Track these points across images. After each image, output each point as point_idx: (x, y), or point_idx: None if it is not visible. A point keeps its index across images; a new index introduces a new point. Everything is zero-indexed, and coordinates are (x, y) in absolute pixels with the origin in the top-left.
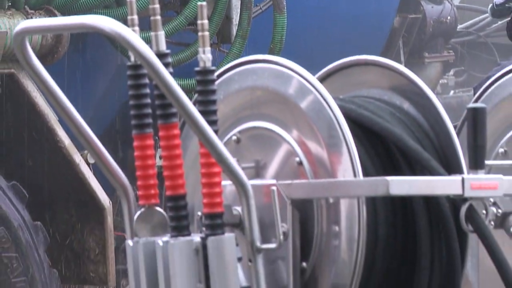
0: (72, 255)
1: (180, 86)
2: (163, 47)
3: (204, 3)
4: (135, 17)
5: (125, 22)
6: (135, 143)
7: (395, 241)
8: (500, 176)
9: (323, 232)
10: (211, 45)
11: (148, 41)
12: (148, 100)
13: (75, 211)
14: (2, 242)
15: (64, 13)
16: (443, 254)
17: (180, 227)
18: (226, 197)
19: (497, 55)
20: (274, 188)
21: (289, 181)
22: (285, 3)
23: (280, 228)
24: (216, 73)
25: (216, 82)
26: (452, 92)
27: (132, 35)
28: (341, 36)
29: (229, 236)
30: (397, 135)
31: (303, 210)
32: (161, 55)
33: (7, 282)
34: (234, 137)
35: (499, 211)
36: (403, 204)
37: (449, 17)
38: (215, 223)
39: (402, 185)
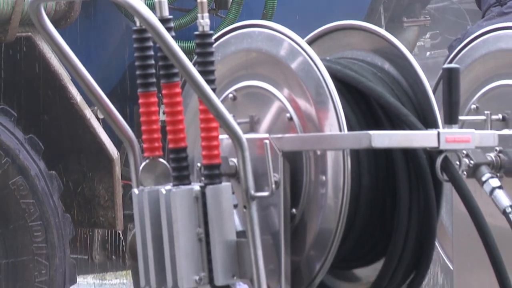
0: (84, 201)
1: (181, 48)
2: (165, 13)
3: None
4: None
5: None
6: (140, 100)
7: (376, 189)
8: (472, 130)
9: (311, 181)
10: (209, 11)
11: (152, 7)
12: (152, 61)
13: (86, 161)
14: (20, 190)
15: None
16: (421, 201)
17: (181, 177)
18: (223, 149)
19: (469, 20)
20: (267, 141)
21: (280, 135)
22: None
23: (272, 177)
24: (214, 37)
25: (214, 45)
26: (428, 53)
27: (138, 2)
28: (327, 2)
29: (225, 185)
30: (379, 92)
31: (293, 161)
32: (164, 20)
33: (24, 226)
34: (231, 95)
35: (471, 162)
36: (385, 156)
37: None
38: (213, 173)
39: (383, 138)
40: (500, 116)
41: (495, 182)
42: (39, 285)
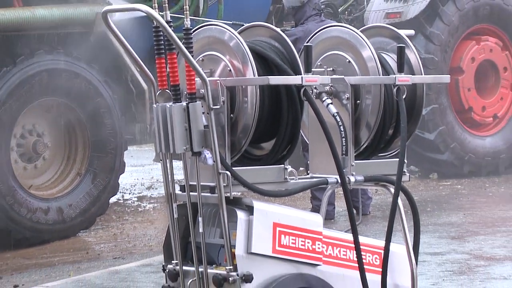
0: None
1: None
2: (168, 17)
3: None
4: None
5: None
6: (156, 61)
7: (271, 105)
8: (318, 75)
9: (240, 101)
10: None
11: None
12: (162, 42)
13: (134, 88)
14: (102, 110)
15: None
16: (293, 110)
17: (176, 99)
18: (198, 87)
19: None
20: (218, 81)
21: (224, 78)
22: None
23: (221, 98)
24: (192, 30)
25: (192, 34)
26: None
27: (154, 13)
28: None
29: (198, 103)
30: (272, 57)
31: (231, 91)
32: (167, 22)
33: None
34: (201, 58)
35: (316, 91)
36: (276, 90)
37: None
38: (192, 96)
39: (275, 80)
40: (331, 68)
41: (328, 101)
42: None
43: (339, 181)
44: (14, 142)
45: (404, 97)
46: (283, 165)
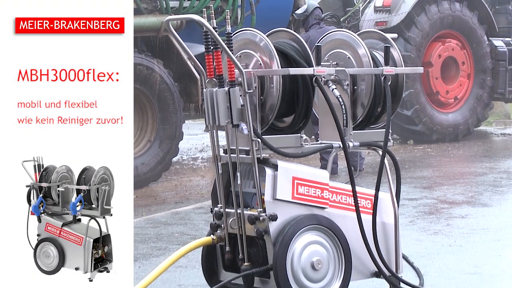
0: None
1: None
2: (214, 25)
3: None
4: (207, 14)
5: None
6: (206, 57)
7: (291, 90)
8: (325, 68)
9: (268, 86)
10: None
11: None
12: (210, 42)
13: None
14: (163, 87)
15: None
16: (306, 95)
17: (220, 85)
18: (236, 76)
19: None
20: (251, 72)
21: (257, 70)
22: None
23: (253, 84)
24: (232, 34)
25: (233, 37)
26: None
27: (205, 21)
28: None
29: (237, 88)
30: (291, 53)
31: (261, 79)
32: (214, 28)
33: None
34: (239, 55)
35: (324, 79)
36: (295, 78)
37: None
38: (232, 83)
39: (294, 71)
40: (335, 62)
41: (333, 86)
42: None
43: (341, 145)
44: None
45: (389, 83)
46: (299, 134)
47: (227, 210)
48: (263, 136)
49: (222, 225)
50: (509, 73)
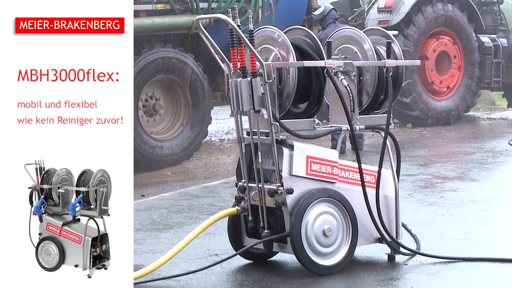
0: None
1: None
2: (238, 23)
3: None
4: (231, 14)
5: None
6: (231, 51)
7: (306, 79)
8: (335, 61)
9: (285, 77)
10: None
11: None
12: (234, 39)
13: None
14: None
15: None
16: (319, 84)
17: (244, 76)
18: (257, 68)
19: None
20: (271, 64)
21: (276, 62)
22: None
23: (272, 75)
24: (254, 31)
25: (254, 34)
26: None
27: (230, 20)
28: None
29: (258, 78)
30: (305, 48)
31: (279, 71)
32: (238, 26)
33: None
34: (260, 50)
35: (334, 70)
36: (309, 70)
37: None
38: (254, 74)
39: (308, 63)
40: (344, 56)
41: (342, 77)
42: None
43: (349, 128)
44: (141, 104)
45: (390, 74)
46: (312, 119)
47: (249, 184)
48: (281, 120)
49: (246, 198)
50: (494, 65)
